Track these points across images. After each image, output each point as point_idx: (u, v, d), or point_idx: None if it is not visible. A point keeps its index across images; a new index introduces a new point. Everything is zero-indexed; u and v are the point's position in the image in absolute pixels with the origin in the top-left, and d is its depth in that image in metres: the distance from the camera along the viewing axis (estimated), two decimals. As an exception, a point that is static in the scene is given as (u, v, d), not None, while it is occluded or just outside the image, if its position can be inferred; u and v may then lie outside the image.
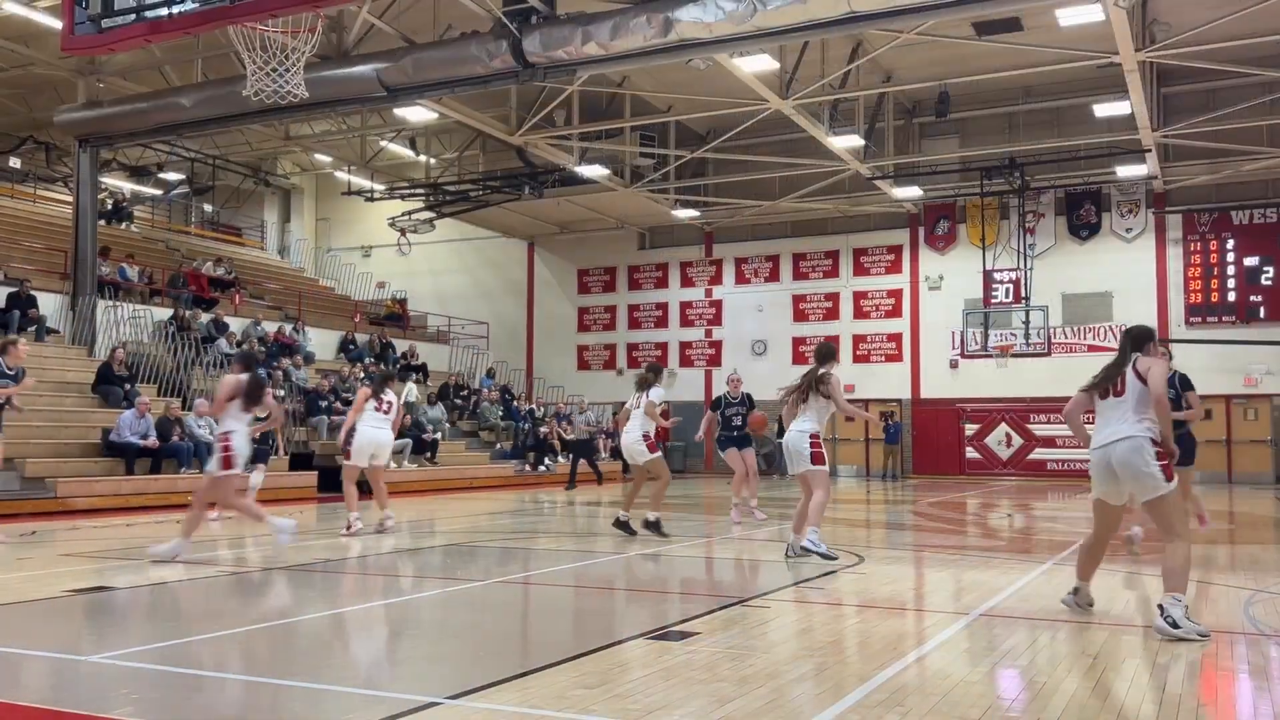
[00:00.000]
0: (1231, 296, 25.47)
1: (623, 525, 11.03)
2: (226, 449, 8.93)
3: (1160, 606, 5.68)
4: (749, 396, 13.68)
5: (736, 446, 13.39)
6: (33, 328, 19.20)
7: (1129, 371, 6.05)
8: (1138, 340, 6.20)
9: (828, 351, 9.22)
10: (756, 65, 18.68)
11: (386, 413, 11.50)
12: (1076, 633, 5.99)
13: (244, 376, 9.23)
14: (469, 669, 5.25)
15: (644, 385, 11.18)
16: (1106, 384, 6.12)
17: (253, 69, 9.21)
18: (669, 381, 28.31)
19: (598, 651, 5.36)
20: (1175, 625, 5.58)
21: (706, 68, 18.86)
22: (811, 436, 8.89)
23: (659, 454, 11.12)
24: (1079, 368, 26.22)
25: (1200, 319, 25.68)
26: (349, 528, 11.03)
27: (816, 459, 8.90)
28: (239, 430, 9.09)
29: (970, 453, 27.77)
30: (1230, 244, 25.56)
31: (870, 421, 9.95)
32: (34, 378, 10.60)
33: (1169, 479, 5.80)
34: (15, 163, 29.18)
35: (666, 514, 11.82)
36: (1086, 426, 6.38)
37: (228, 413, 9.07)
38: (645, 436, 10.96)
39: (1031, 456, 27.02)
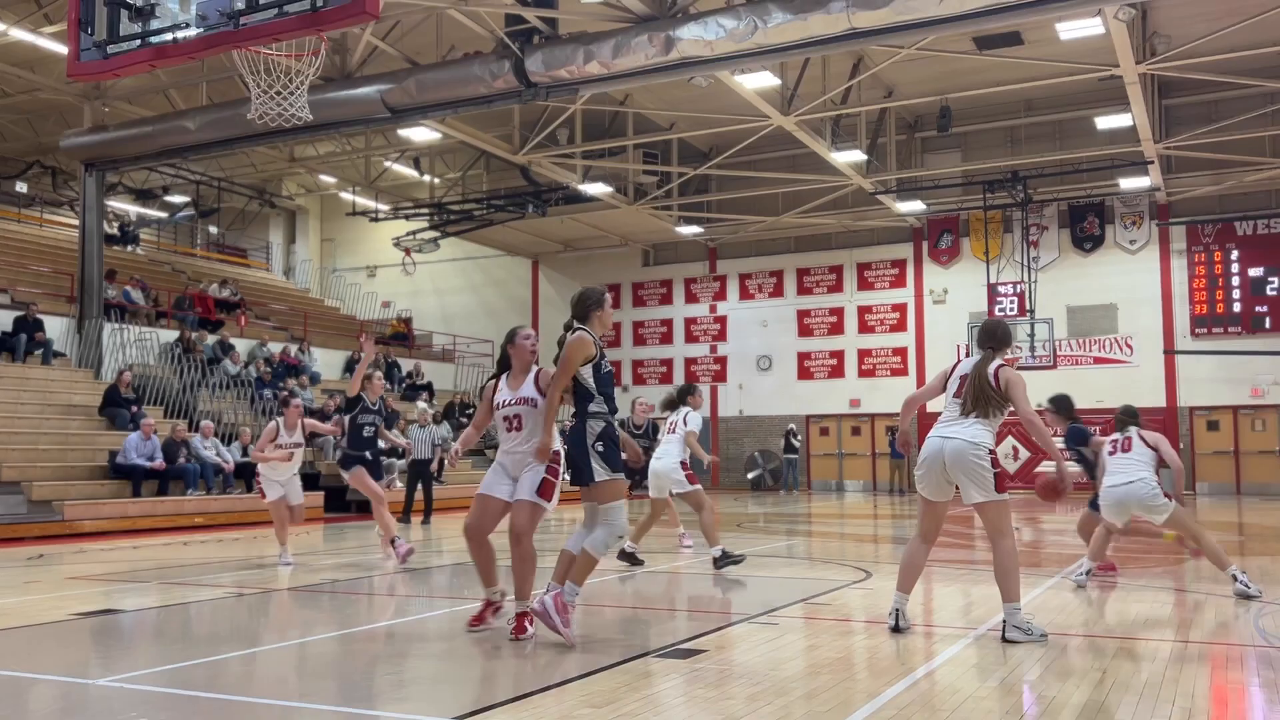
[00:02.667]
0: (1237, 307, 25.44)
1: (629, 556, 10.06)
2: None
3: None
4: (654, 427, 12.30)
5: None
6: (39, 351, 19.27)
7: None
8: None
9: (1002, 333, 6.52)
10: (758, 82, 18.76)
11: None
12: (1085, 647, 5.97)
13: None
14: (476, 689, 5.25)
15: (672, 405, 10.34)
16: None
17: (257, 92, 9.26)
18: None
19: (604, 671, 5.34)
20: None
21: (708, 85, 18.94)
22: (991, 452, 6.26)
23: (699, 485, 10.04)
24: (1085, 380, 26.36)
25: (1206, 330, 25.66)
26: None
27: (1002, 482, 6.24)
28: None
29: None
30: (1234, 255, 25.55)
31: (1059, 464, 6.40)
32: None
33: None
34: (22, 187, 29.33)
35: (693, 533, 11.24)
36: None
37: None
38: (684, 464, 10.02)
39: (1039, 469, 26.92)
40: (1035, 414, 6.21)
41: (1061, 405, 9.59)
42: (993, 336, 6.44)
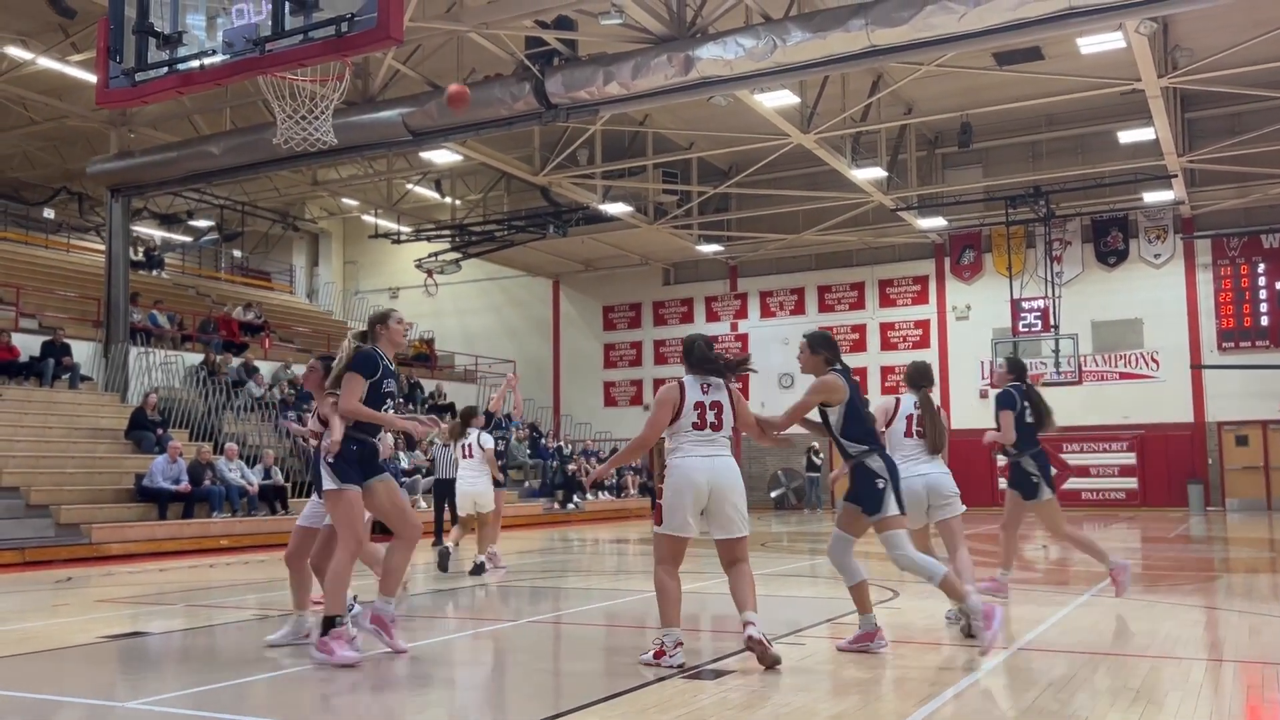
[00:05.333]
0: (1264, 321, 25.19)
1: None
2: None
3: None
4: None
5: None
6: (67, 375, 19.45)
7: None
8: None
9: (929, 371, 7.74)
10: (777, 100, 18.78)
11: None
12: (1118, 666, 5.89)
13: None
14: (501, 712, 5.23)
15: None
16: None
17: (281, 117, 9.32)
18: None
19: (631, 692, 5.31)
20: None
21: (728, 104, 18.98)
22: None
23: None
24: (1111, 395, 26.15)
25: (1233, 344, 25.41)
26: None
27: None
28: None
29: (1002, 483, 27.44)
30: (1261, 268, 25.33)
31: None
32: None
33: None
34: (49, 213, 29.70)
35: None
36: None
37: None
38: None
39: (1066, 486, 26.69)
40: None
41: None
42: (929, 377, 7.55)
